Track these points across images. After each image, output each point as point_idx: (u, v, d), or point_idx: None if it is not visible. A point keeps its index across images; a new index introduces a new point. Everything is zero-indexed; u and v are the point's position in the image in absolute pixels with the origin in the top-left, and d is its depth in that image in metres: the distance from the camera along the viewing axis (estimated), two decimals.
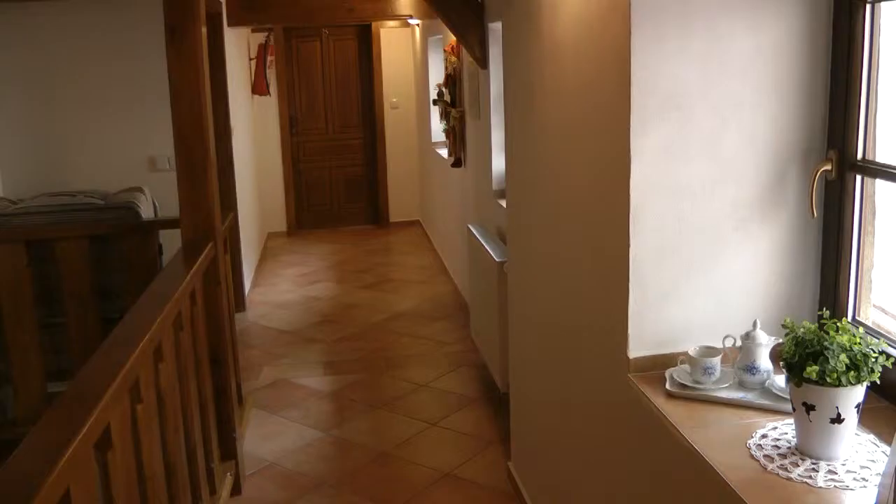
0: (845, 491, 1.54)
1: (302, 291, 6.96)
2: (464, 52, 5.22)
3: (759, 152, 2.04)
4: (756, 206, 2.06)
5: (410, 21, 7.87)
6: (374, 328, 5.95)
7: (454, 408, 4.54)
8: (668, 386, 1.99)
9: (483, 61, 4.72)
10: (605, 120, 2.18)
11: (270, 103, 8.98)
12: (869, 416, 1.73)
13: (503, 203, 4.30)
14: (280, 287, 7.13)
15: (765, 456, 1.67)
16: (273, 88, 8.94)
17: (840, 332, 1.62)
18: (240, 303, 6.19)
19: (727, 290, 2.09)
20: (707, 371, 1.96)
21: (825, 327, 1.65)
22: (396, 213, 9.41)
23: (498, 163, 4.68)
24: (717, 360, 1.98)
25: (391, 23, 8.65)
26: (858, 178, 1.96)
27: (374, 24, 8.83)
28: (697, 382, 1.97)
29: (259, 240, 8.36)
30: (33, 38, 5.45)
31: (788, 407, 1.71)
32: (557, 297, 2.80)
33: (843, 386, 1.57)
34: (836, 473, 1.59)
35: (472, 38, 4.67)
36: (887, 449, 1.65)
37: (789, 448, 1.69)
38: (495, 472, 3.81)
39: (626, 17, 1.96)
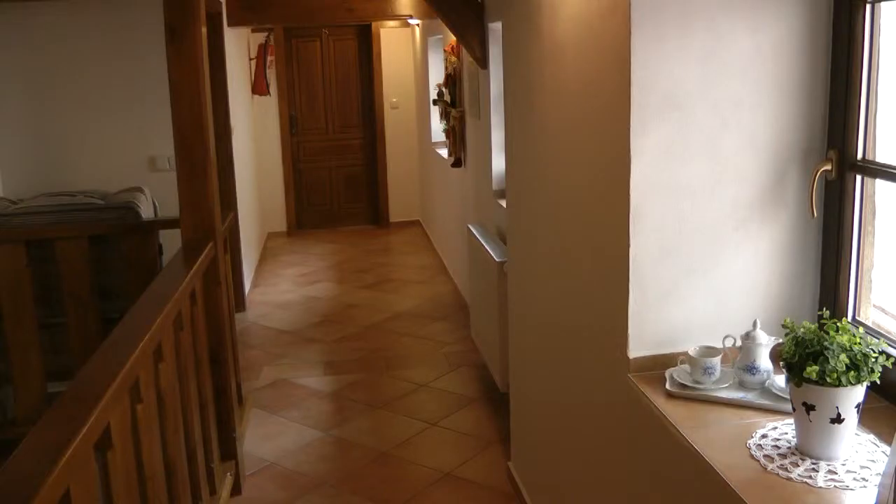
0: (845, 491, 1.54)
1: (302, 291, 6.96)
2: (464, 52, 5.22)
3: (759, 152, 2.04)
4: (756, 206, 2.06)
5: (410, 21, 7.86)
6: (374, 328, 5.95)
7: (454, 408, 4.54)
8: (668, 386, 1.99)
9: (483, 61, 4.72)
10: (605, 120, 2.18)
11: (270, 103, 8.98)
12: (869, 416, 1.74)
13: (503, 203, 4.30)
14: (280, 287, 7.13)
15: (765, 456, 1.67)
16: (273, 88, 8.94)
17: (840, 332, 1.62)
18: (240, 303, 6.19)
19: (727, 290, 2.09)
20: (707, 371, 1.97)
21: (825, 327, 1.65)
22: (396, 213, 9.40)
23: (498, 163, 4.68)
24: (717, 360, 1.98)
25: (391, 23, 8.65)
26: (858, 178, 1.96)
27: (374, 24, 8.83)
28: (697, 382, 1.97)
29: (259, 240, 8.36)
30: (33, 38, 5.45)
31: (788, 407, 1.71)
32: (557, 297, 2.80)
33: (843, 386, 1.57)
34: (836, 473, 1.59)
35: (472, 38, 4.67)
36: (887, 449, 1.65)
37: (789, 448, 1.69)
38: (495, 472, 3.81)
39: (626, 16, 1.96)
